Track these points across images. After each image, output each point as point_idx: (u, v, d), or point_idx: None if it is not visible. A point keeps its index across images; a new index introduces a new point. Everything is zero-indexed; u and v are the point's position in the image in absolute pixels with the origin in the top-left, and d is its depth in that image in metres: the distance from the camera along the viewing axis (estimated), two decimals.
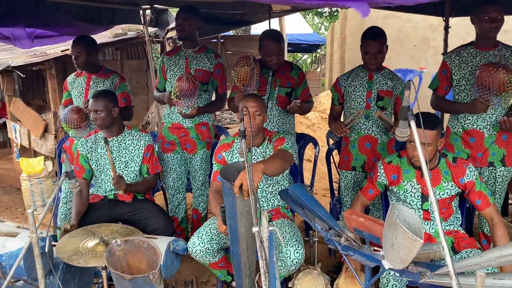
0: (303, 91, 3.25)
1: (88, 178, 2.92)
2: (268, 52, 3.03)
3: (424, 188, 2.36)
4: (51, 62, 4.77)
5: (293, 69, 3.22)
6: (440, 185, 2.34)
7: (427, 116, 2.30)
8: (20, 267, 2.08)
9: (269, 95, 3.14)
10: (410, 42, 6.65)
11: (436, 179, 2.35)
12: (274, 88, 3.14)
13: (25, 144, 5.48)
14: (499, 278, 1.58)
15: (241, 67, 2.94)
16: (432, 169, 2.35)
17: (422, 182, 2.35)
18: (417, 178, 2.37)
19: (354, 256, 1.79)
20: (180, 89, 3.01)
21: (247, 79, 2.94)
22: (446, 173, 2.35)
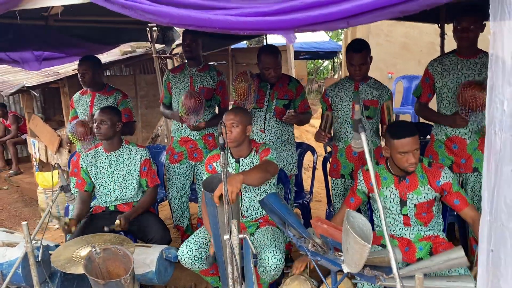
0: (301, 103, 3.35)
1: (89, 190, 3.10)
2: (265, 66, 3.16)
3: (402, 193, 2.42)
4: (64, 81, 5.04)
5: (291, 82, 3.33)
6: (417, 189, 2.39)
7: (403, 124, 2.39)
8: (18, 274, 2.26)
9: (267, 107, 3.26)
10: (416, 48, 6.67)
11: (413, 184, 2.41)
12: (272, 100, 3.25)
13: (43, 158, 5.77)
14: (453, 281, 1.65)
15: (239, 83, 3.08)
16: (409, 174, 2.41)
17: (400, 187, 2.42)
18: (395, 184, 2.43)
19: (320, 261, 1.89)
20: (187, 106, 3.19)
21: (244, 94, 3.07)
22: (422, 177, 2.40)
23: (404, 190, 2.40)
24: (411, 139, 2.25)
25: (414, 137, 2.27)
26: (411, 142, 2.25)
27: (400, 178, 2.41)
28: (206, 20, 1.31)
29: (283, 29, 1.21)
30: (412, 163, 2.29)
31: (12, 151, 7.27)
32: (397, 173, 2.42)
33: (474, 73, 2.75)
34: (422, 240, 2.42)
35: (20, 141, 7.31)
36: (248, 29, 1.23)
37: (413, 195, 2.39)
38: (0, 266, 2.33)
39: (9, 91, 5.17)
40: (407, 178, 2.40)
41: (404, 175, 2.41)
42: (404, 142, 2.25)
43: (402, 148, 2.26)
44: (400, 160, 2.31)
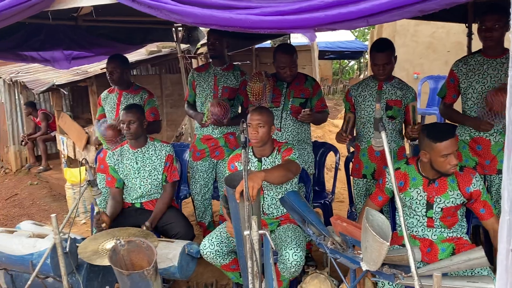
0: (317, 101, 3.37)
1: (120, 186, 3.19)
2: (281, 64, 3.19)
3: (429, 196, 2.39)
4: (92, 79, 5.18)
5: (307, 81, 3.35)
6: (446, 193, 2.37)
7: (442, 126, 2.38)
8: (47, 264, 2.36)
9: (283, 106, 3.28)
10: (443, 48, 6.56)
11: (442, 188, 2.38)
12: (288, 99, 3.28)
13: (71, 155, 5.94)
14: (473, 281, 1.64)
15: (254, 83, 3.12)
16: (438, 178, 2.39)
17: (429, 190, 2.39)
18: (424, 186, 2.41)
19: (339, 259, 1.90)
20: (213, 114, 3.27)
21: (259, 94, 3.11)
22: (452, 181, 2.37)
23: (433, 193, 2.37)
24: (453, 140, 2.23)
25: (455, 138, 2.25)
26: (453, 143, 2.22)
27: (430, 181, 2.39)
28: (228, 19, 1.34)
29: (303, 28, 1.23)
30: (455, 165, 2.25)
31: (42, 148, 7.49)
32: (428, 176, 2.39)
33: (500, 73, 2.71)
34: (445, 242, 2.40)
35: (50, 138, 7.53)
36: (269, 28, 1.26)
37: (441, 199, 2.37)
38: (30, 256, 2.43)
39: (40, 89, 5.35)
40: (437, 181, 2.38)
41: (434, 178, 2.38)
42: (447, 144, 2.21)
43: (446, 150, 2.22)
44: (442, 163, 2.25)
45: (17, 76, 6.54)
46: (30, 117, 7.64)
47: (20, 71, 6.96)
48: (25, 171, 7.82)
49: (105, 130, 3.46)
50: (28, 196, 6.61)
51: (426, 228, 2.44)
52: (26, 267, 2.45)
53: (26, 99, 7.74)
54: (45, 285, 2.52)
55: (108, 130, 3.47)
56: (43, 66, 6.64)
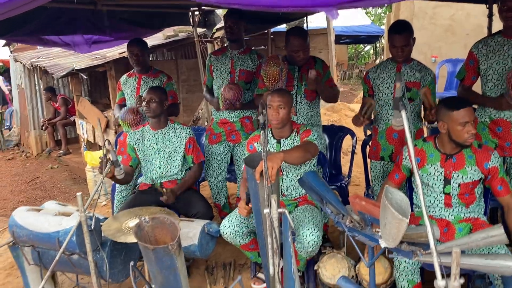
0: (326, 81, 3.35)
1: (134, 165, 3.26)
2: (294, 48, 3.16)
3: (447, 171, 2.40)
4: (110, 64, 5.24)
5: (316, 63, 3.34)
6: (464, 169, 2.38)
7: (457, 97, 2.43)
8: (73, 242, 2.44)
9: (297, 90, 3.28)
10: (462, 31, 6.45)
11: (460, 163, 2.39)
12: (301, 82, 3.28)
13: (90, 139, 6.05)
14: (492, 259, 1.66)
15: (270, 67, 3.10)
16: (456, 153, 2.40)
17: (446, 165, 2.40)
18: (441, 162, 2.42)
19: (358, 237, 1.93)
20: (225, 98, 3.32)
21: (276, 78, 3.10)
22: (470, 157, 2.38)
23: (450, 168, 2.39)
24: (469, 108, 2.26)
25: (471, 108, 2.28)
26: (470, 111, 2.26)
27: (447, 156, 2.41)
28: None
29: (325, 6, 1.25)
30: (473, 134, 2.27)
31: (61, 132, 7.64)
32: (445, 151, 2.41)
33: None
34: (462, 222, 2.42)
35: (69, 122, 7.67)
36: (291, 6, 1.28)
37: (458, 174, 2.38)
38: (57, 234, 2.51)
39: (60, 74, 5.44)
40: (455, 157, 2.39)
41: (452, 153, 2.39)
42: (464, 112, 2.25)
43: (463, 118, 2.24)
44: (460, 132, 2.28)
45: (38, 61, 6.65)
46: (50, 102, 7.79)
47: (40, 56, 7.08)
48: (45, 155, 8.00)
49: (126, 113, 3.53)
50: (49, 179, 6.77)
51: (443, 207, 2.45)
52: (52, 244, 2.54)
53: (46, 85, 7.88)
54: (71, 261, 2.61)
55: (129, 114, 3.53)
56: (62, 52, 6.74)
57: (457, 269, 1.43)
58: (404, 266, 2.28)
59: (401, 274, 2.31)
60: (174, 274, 1.82)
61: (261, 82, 3.28)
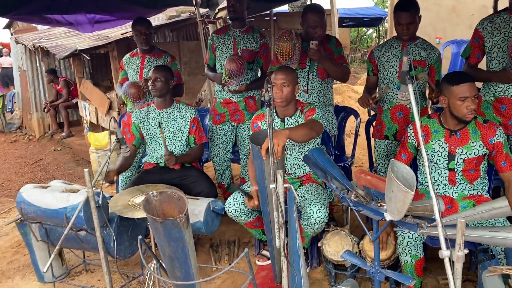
0: (337, 57, 3.31)
1: (137, 145, 3.28)
2: (312, 24, 3.14)
3: (451, 147, 2.41)
4: (113, 45, 5.22)
5: (330, 41, 3.32)
6: (468, 144, 2.38)
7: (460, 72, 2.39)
8: (81, 217, 2.47)
9: (310, 68, 3.26)
10: (467, 11, 6.39)
11: (464, 139, 2.40)
12: (314, 60, 3.27)
13: (93, 120, 6.06)
14: (495, 231, 1.68)
15: (283, 42, 3.08)
16: (461, 129, 2.41)
17: (450, 141, 2.41)
18: (446, 138, 2.43)
19: (363, 211, 1.96)
20: (229, 70, 3.28)
21: (289, 54, 3.08)
22: (474, 133, 2.39)
23: (454, 144, 2.40)
24: (470, 84, 2.27)
25: (473, 83, 2.28)
26: (470, 87, 2.26)
27: (451, 132, 2.41)
28: None
29: None
30: (472, 109, 2.28)
31: (64, 115, 7.64)
32: (449, 127, 2.42)
33: None
34: (466, 199, 2.44)
35: (71, 105, 7.66)
36: None
37: (462, 150, 2.39)
38: (64, 210, 2.55)
39: (63, 54, 5.43)
40: (459, 132, 2.40)
41: (456, 129, 2.40)
42: (464, 87, 2.26)
43: (463, 93, 2.26)
44: (460, 107, 2.29)
45: (39, 42, 6.62)
46: (52, 84, 7.77)
47: (41, 37, 7.04)
48: (48, 138, 8.02)
49: (128, 88, 3.51)
50: (53, 161, 6.80)
51: (447, 184, 2.46)
52: (60, 220, 2.58)
53: (47, 67, 7.85)
54: (79, 237, 2.65)
55: (131, 88, 3.51)
56: (64, 33, 6.71)
57: (461, 239, 1.45)
58: (408, 241, 2.31)
59: (405, 249, 2.34)
60: (182, 246, 1.85)
61: (275, 60, 3.27)
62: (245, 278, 2.92)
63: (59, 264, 3.04)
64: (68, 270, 3.13)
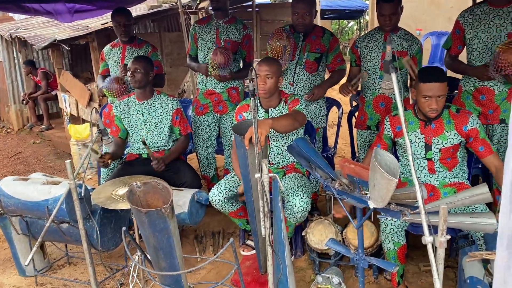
0: (334, 57, 3.31)
1: (123, 137, 3.24)
2: (295, 10, 3.10)
3: (427, 137, 2.46)
4: (93, 35, 5.13)
5: (325, 35, 3.28)
6: (443, 134, 2.43)
7: (434, 69, 2.41)
8: (63, 210, 2.44)
9: (298, 60, 3.24)
10: (446, 3, 6.47)
11: (439, 129, 2.44)
12: (303, 53, 3.23)
13: (73, 112, 5.96)
14: (476, 217, 1.72)
15: (275, 42, 3.08)
16: (435, 119, 2.45)
17: (426, 132, 2.46)
18: (421, 129, 2.47)
19: (347, 199, 1.98)
20: (216, 63, 3.26)
21: (279, 54, 3.08)
22: (448, 122, 2.43)
23: (430, 134, 2.44)
24: (436, 84, 2.29)
25: (441, 84, 2.30)
26: (436, 87, 2.29)
27: (426, 122, 2.45)
28: None
29: None
30: (433, 109, 2.33)
31: (43, 107, 7.49)
32: (423, 118, 2.46)
33: (506, 22, 2.71)
34: (447, 186, 2.48)
35: (50, 97, 7.51)
36: None
37: (438, 140, 2.43)
38: (46, 202, 2.51)
39: (42, 45, 5.31)
40: (433, 123, 2.44)
41: (430, 120, 2.44)
42: (429, 86, 2.30)
43: (427, 92, 2.31)
44: (423, 104, 2.36)
45: (17, 32, 6.45)
46: (30, 76, 7.59)
47: (19, 27, 6.87)
48: (27, 130, 7.86)
49: (110, 83, 3.48)
50: (32, 154, 6.68)
51: (428, 173, 2.51)
52: (41, 212, 2.54)
53: (25, 58, 7.67)
54: (61, 230, 2.61)
55: (113, 83, 3.48)
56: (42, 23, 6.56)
57: (444, 225, 1.48)
58: (390, 229, 2.35)
59: (387, 237, 2.38)
60: (167, 237, 1.84)
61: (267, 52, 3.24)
62: (230, 268, 2.93)
63: (40, 257, 3.00)
64: (50, 264, 3.09)
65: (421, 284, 2.70)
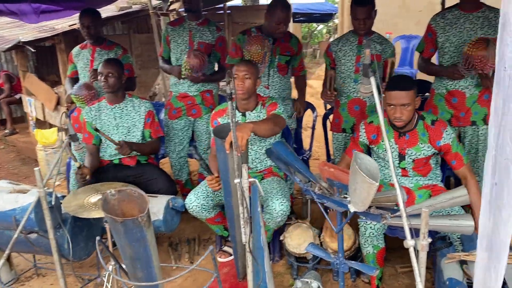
0: (300, 61, 3.42)
1: (97, 143, 3.12)
2: (277, 20, 3.09)
3: (401, 148, 2.48)
4: (60, 37, 4.96)
5: (292, 39, 3.33)
6: (417, 146, 2.45)
7: (401, 78, 2.43)
8: (32, 219, 2.33)
9: (270, 63, 3.23)
10: (415, 7, 6.61)
11: (413, 141, 2.45)
12: (274, 56, 3.23)
13: (40, 117, 5.75)
14: (455, 219, 1.73)
15: (254, 48, 3.01)
16: (410, 131, 2.46)
17: (400, 142, 2.47)
18: (395, 138, 2.48)
19: (327, 203, 1.96)
20: (191, 66, 3.19)
21: (259, 60, 3.03)
22: (423, 135, 2.44)
23: (404, 145, 2.46)
24: (401, 93, 2.29)
25: (406, 92, 2.29)
26: (399, 96, 2.29)
27: (400, 133, 2.47)
28: None
29: None
30: (397, 118, 2.33)
31: (6, 111, 7.21)
32: (398, 128, 2.47)
33: (476, 27, 2.78)
34: (421, 189, 2.51)
35: (14, 100, 7.24)
36: None
37: (412, 151, 2.45)
38: (13, 212, 2.39)
39: (5, 46, 5.10)
40: (408, 134, 2.45)
41: (404, 131, 2.45)
42: (393, 94, 2.30)
43: (390, 100, 2.32)
44: (388, 111, 2.36)
45: None
46: None
47: None
48: None
49: (79, 89, 3.35)
50: None
51: (401, 177, 2.53)
52: (8, 223, 2.41)
53: None
54: (29, 241, 2.49)
55: (82, 89, 3.36)
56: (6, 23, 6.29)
57: (426, 228, 1.49)
58: (370, 232, 2.35)
59: (367, 240, 2.38)
60: (144, 246, 1.78)
61: (233, 52, 3.21)
62: (206, 275, 2.87)
63: (7, 269, 2.86)
64: (17, 275, 2.95)
65: (398, 286, 2.71)
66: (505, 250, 1.30)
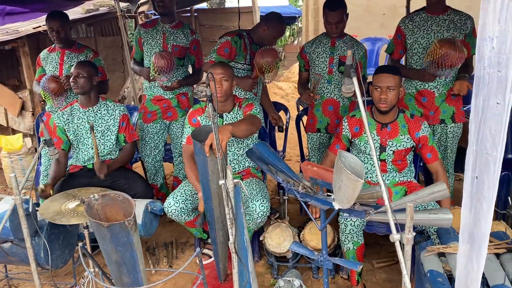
0: None
1: (66, 148, 3.05)
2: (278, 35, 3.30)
3: (382, 139, 2.57)
4: (23, 40, 4.80)
5: None
6: (398, 137, 2.56)
7: (388, 66, 2.56)
8: (7, 228, 2.25)
9: None
10: (379, 11, 6.82)
11: (394, 132, 2.57)
12: None
13: (2, 123, 5.53)
14: (434, 213, 1.81)
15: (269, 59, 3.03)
16: (391, 122, 2.58)
17: (382, 134, 2.57)
18: (377, 130, 2.58)
19: (310, 201, 2.00)
20: (158, 67, 3.14)
21: (271, 71, 3.07)
22: (403, 126, 2.57)
23: (385, 136, 2.55)
24: (388, 76, 2.44)
25: (393, 76, 2.44)
26: (386, 79, 2.44)
27: (382, 125, 2.56)
28: None
29: None
30: (382, 99, 2.45)
31: None
32: (380, 120, 2.57)
33: (442, 29, 2.90)
34: (397, 185, 2.60)
35: None
36: None
37: (393, 142, 2.55)
38: None
39: None
40: (389, 126, 2.56)
41: (387, 122, 2.55)
42: (380, 77, 2.45)
43: (378, 82, 2.45)
44: (375, 95, 2.48)
45: None
46: None
47: None
48: None
49: (47, 82, 3.23)
50: None
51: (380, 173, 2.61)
52: None
53: None
54: (3, 250, 2.40)
55: (50, 82, 3.24)
56: None
57: (411, 222, 1.54)
58: (350, 229, 2.41)
59: (347, 237, 2.44)
60: (130, 251, 1.75)
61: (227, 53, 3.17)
62: (187, 278, 2.86)
63: None
64: None
65: (375, 281, 2.79)
66: (485, 242, 1.37)
